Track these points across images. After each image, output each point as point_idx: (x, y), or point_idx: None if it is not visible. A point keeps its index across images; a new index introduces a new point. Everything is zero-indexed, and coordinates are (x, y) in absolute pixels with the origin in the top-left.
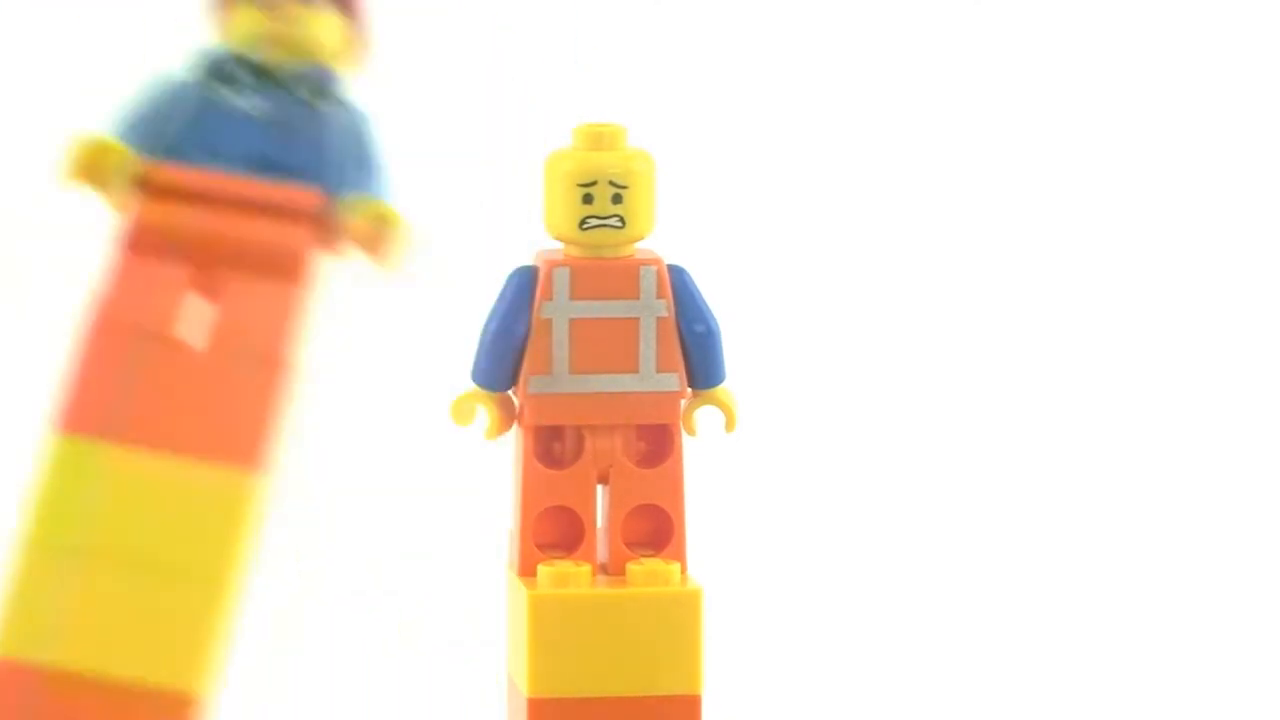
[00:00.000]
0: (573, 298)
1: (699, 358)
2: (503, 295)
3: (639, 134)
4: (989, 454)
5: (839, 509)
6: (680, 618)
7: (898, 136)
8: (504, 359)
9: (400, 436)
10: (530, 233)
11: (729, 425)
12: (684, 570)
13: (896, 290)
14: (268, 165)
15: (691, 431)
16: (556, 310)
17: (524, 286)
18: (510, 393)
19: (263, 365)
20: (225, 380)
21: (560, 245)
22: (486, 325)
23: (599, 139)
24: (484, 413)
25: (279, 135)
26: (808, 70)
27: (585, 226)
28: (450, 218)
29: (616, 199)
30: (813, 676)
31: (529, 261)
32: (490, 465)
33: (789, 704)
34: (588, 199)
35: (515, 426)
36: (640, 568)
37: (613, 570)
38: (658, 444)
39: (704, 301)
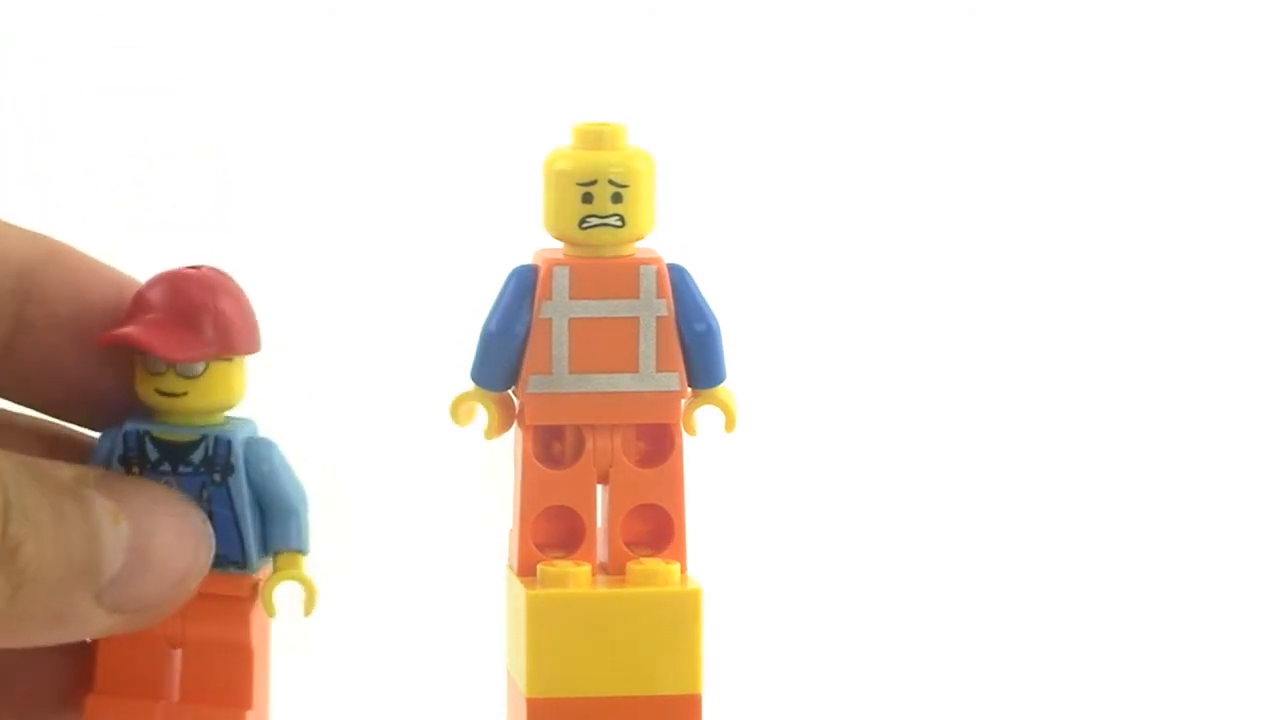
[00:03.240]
0: (572, 297)
1: (699, 357)
2: (502, 294)
3: (639, 133)
4: (989, 453)
5: (839, 509)
6: (680, 617)
7: (898, 136)
8: (504, 358)
9: (400, 436)
10: (530, 232)
11: (729, 425)
12: (684, 570)
13: (897, 290)
14: None
15: (691, 431)
16: (556, 309)
17: (524, 286)
18: (510, 392)
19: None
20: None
21: (560, 244)
22: (486, 325)
23: (599, 138)
24: (484, 412)
25: None
26: (808, 70)
27: (585, 225)
28: (450, 216)
29: (616, 198)
30: (812, 676)
31: (528, 260)
32: (490, 465)
33: (788, 703)
34: (588, 198)
35: (515, 426)
36: (640, 567)
37: (612, 570)
38: (658, 444)
39: (704, 301)
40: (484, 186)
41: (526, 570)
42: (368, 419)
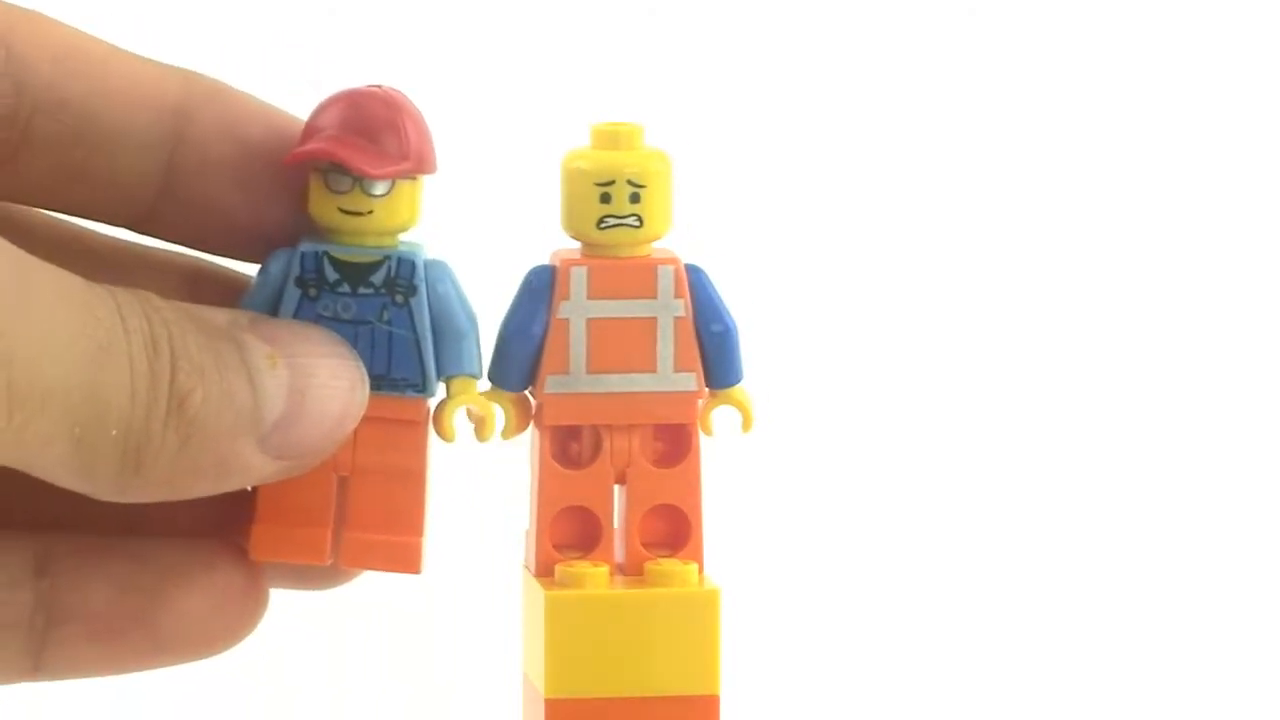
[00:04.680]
0: (590, 297)
1: (716, 357)
2: (520, 295)
3: (656, 133)
4: (1007, 454)
5: (856, 509)
6: (698, 618)
7: (915, 138)
8: (521, 358)
9: None
10: (547, 232)
11: (746, 425)
12: (701, 570)
13: (914, 291)
14: (372, 382)
15: (708, 431)
16: (574, 310)
17: (541, 286)
18: (527, 392)
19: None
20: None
21: (577, 244)
22: (504, 325)
23: (616, 138)
24: (501, 412)
25: (374, 342)
26: (825, 71)
27: (603, 226)
28: (468, 217)
29: (634, 198)
30: (830, 676)
31: (546, 261)
32: (507, 465)
33: (807, 704)
34: (605, 198)
35: (532, 426)
36: (657, 568)
37: (630, 570)
38: (675, 444)
39: (721, 301)
40: (501, 187)
41: (544, 571)
42: None
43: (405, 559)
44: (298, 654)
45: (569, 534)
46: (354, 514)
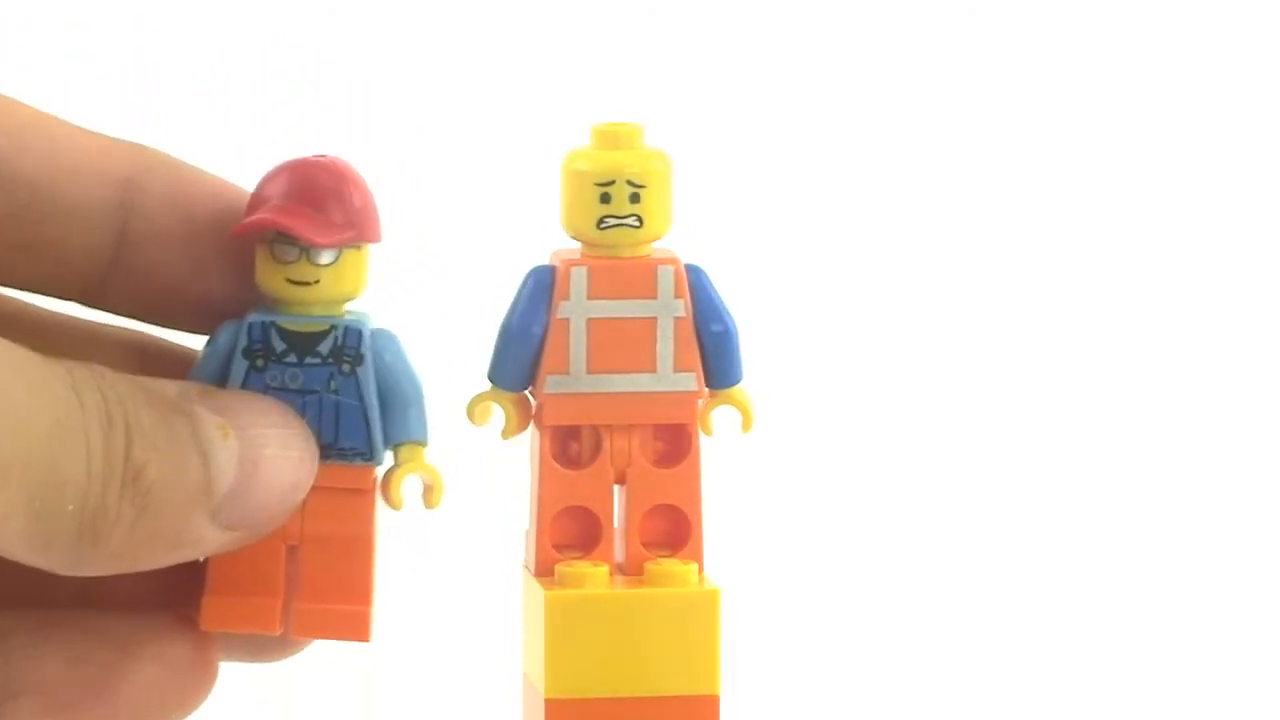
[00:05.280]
0: (590, 297)
1: (716, 357)
2: (520, 295)
3: (656, 133)
4: (1008, 454)
5: (855, 509)
6: (698, 618)
7: (915, 138)
8: (521, 358)
9: None
10: (547, 232)
11: (746, 425)
12: (701, 570)
13: (914, 291)
14: (320, 452)
15: (708, 431)
16: (574, 310)
17: (541, 286)
18: (527, 392)
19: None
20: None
21: (577, 244)
22: (504, 325)
23: (616, 138)
24: (501, 412)
25: (321, 411)
26: (825, 71)
27: (603, 226)
28: (467, 217)
29: (634, 198)
30: (830, 676)
31: (546, 261)
32: (507, 465)
33: (807, 704)
34: (605, 198)
35: (532, 426)
36: (658, 568)
37: (630, 570)
38: (675, 444)
39: (721, 301)
40: (502, 187)
41: (544, 571)
42: None
43: (355, 628)
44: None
45: (569, 534)
46: (304, 583)
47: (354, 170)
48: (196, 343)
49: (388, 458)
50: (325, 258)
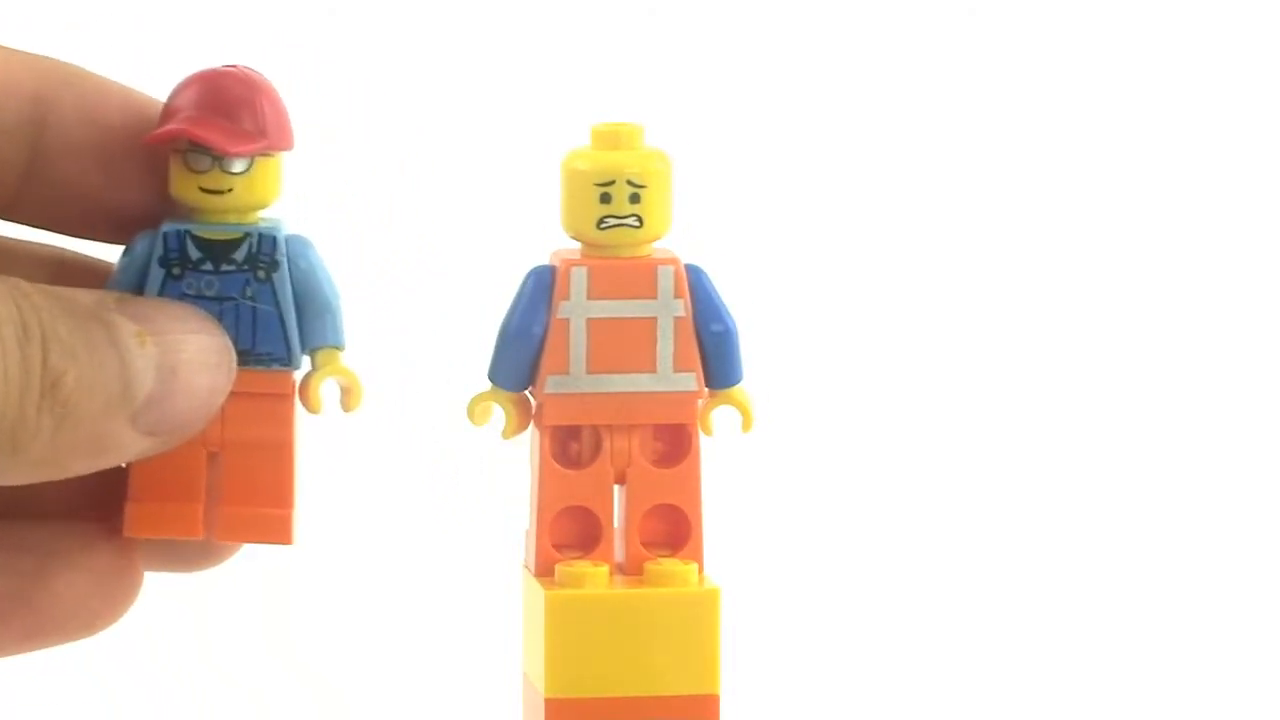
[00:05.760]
0: (590, 297)
1: (716, 357)
2: (520, 295)
3: (656, 133)
4: (1008, 454)
5: (855, 509)
6: (698, 618)
7: (915, 138)
8: (521, 359)
9: (417, 436)
10: (547, 232)
11: (746, 425)
12: (701, 570)
13: (914, 291)
14: (237, 358)
15: (708, 431)
16: (574, 310)
17: (541, 286)
18: (527, 392)
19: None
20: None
21: (577, 245)
22: (504, 325)
23: (616, 138)
24: (501, 412)
25: (238, 318)
26: (825, 71)
27: (603, 226)
28: (467, 217)
29: (634, 198)
30: (829, 676)
31: (546, 261)
32: (507, 465)
33: (806, 703)
34: (605, 198)
35: (532, 426)
36: (657, 568)
37: (630, 570)
38: (675, 444)
39: (721, 301)
40: (502, 187)
41: (544, 571)
42: (385, 419)
43: (277, 531)
44: (298, 653)
45: (569, 534)
46: (225, 489)
47: (265, 80)
48: (113, 255)
49: (306, 363)
50: (238, 166)
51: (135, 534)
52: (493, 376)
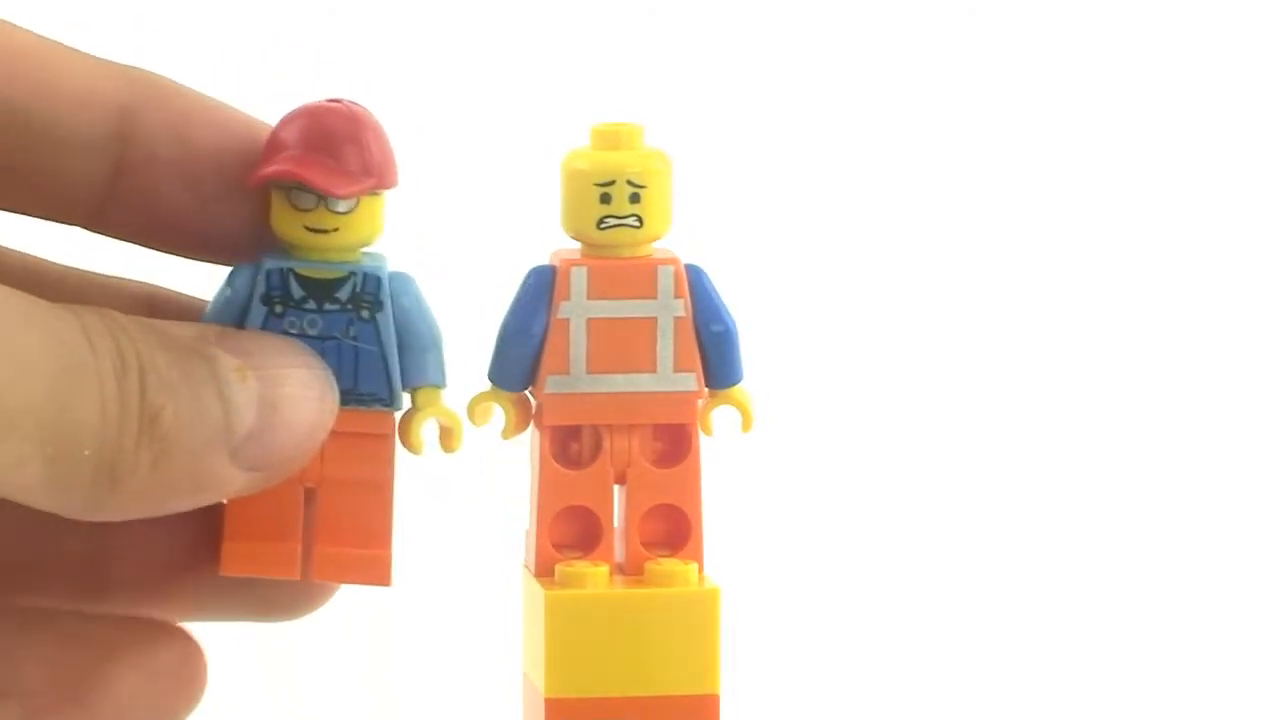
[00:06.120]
0: (590, 297)
1: (716, 357)
2: (520, 295)
3: (656, 133)
4: (1007, 454)
5: (855, 509)
6: (698, 617)
7: (915, 138)
8: (521, 359)
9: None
10: (547, 232)
11: (745, 425)
12: (701, 570)
13: (914, 291)
14: (339, 397)
15: (708, 431)
16: (574, 310)
17: (541, 286)
18: (527, 392)
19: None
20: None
21: (577, 244)
22: (503, 325)
23: (616, 138)
24: (501, 412)
25: (340, 357)
26: (825, 71)
27: (603, 226)
28: (467, 217)
29: (634, 198)
30: (830, 675)
31: (546, 261)
32: (507, 465)
33: (807, 703)
34: (605, 198)
35: (532, 426)
36: (658, 568)
37: (630, 570)
38: (675, 444)
39: (721, 301)
40: (502, 187)
41: (544, 571)
42: None
43: (376, 572)
44: (298, 653)
45: (569, 534)
46: (322, 528)
47: (371, 116)
48: (203, 285)
49: (405, 401)
50: (343, 206)
51: (232, 572)
52: (493, 376)
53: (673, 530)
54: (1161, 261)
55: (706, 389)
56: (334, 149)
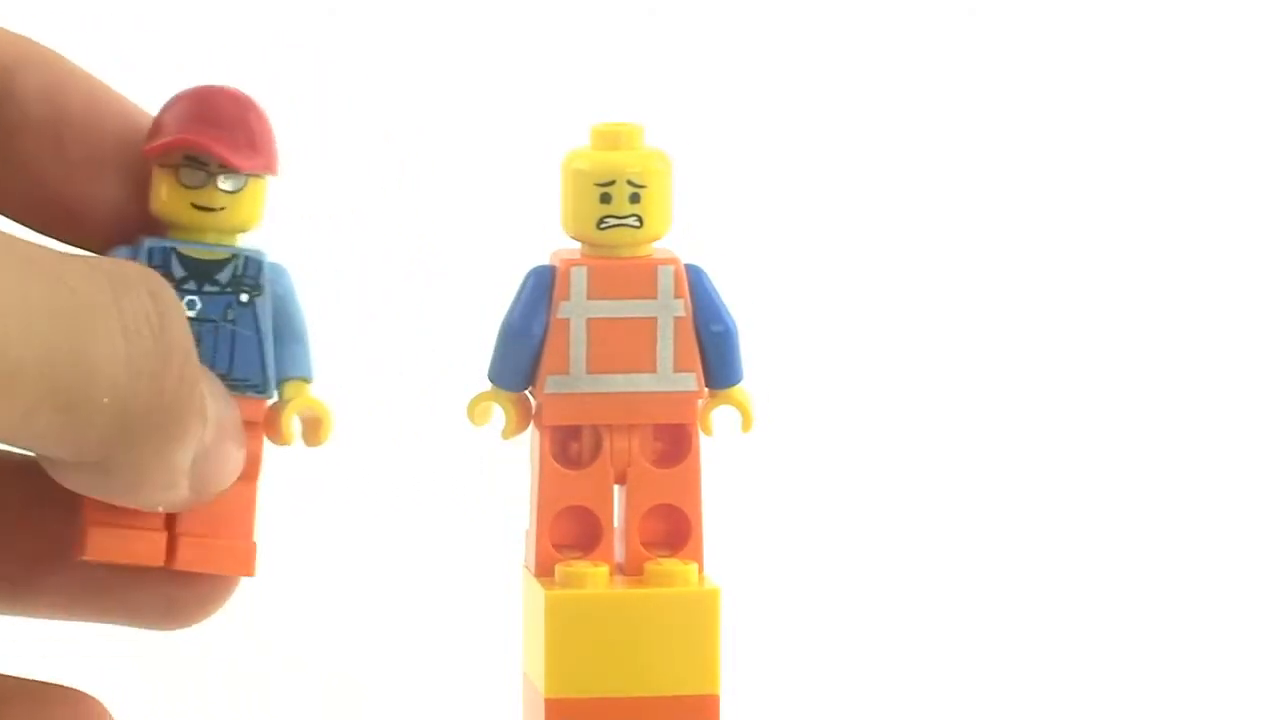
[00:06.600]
0: (590, 297)
1: (716, 357)
2: (520, 295)
3: (656, 133)
4: (1007, 454)
5: (855, 509)
6: (698, 618)
7: (915, 138)
8: (521, 359)
9: (417, 436)
10: (547, 232)
11: (745, 425)
12: (701, 570)
13: (914, 291)
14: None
15: (708, 431)
16: (574, 310)
17: (541, 286)
18: (527, 392)
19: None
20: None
21: (577, 244)
22: (503, 325)
23: (616, 138)
24: (501, 412)
25: (217, 340)
26: (825, 71)
27: (603, 226)
28: (468, 217)
29: (634, 198)
30: (830, 675)
31: (546, 261)
32: (507, 465)
33: (806, 703)
34: (605, 198)
35: (532, 426)
36: (658, 568)
37: (630, 570)
38: (675, 444)
39: (721, 301)
40: (502, 187)
41: (544, 571)
42: (385, 419)
43: (240, 562)
44: (298, 653)
45: (569, 534)
46: (187, 516)
47: (256, 102)
48: None
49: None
50: (232, 184)
51: (94, 558)
52: (493, 376)
53: (673, 530)
54: (1162, 262)
55: (706, 389)
56: (226, 127)
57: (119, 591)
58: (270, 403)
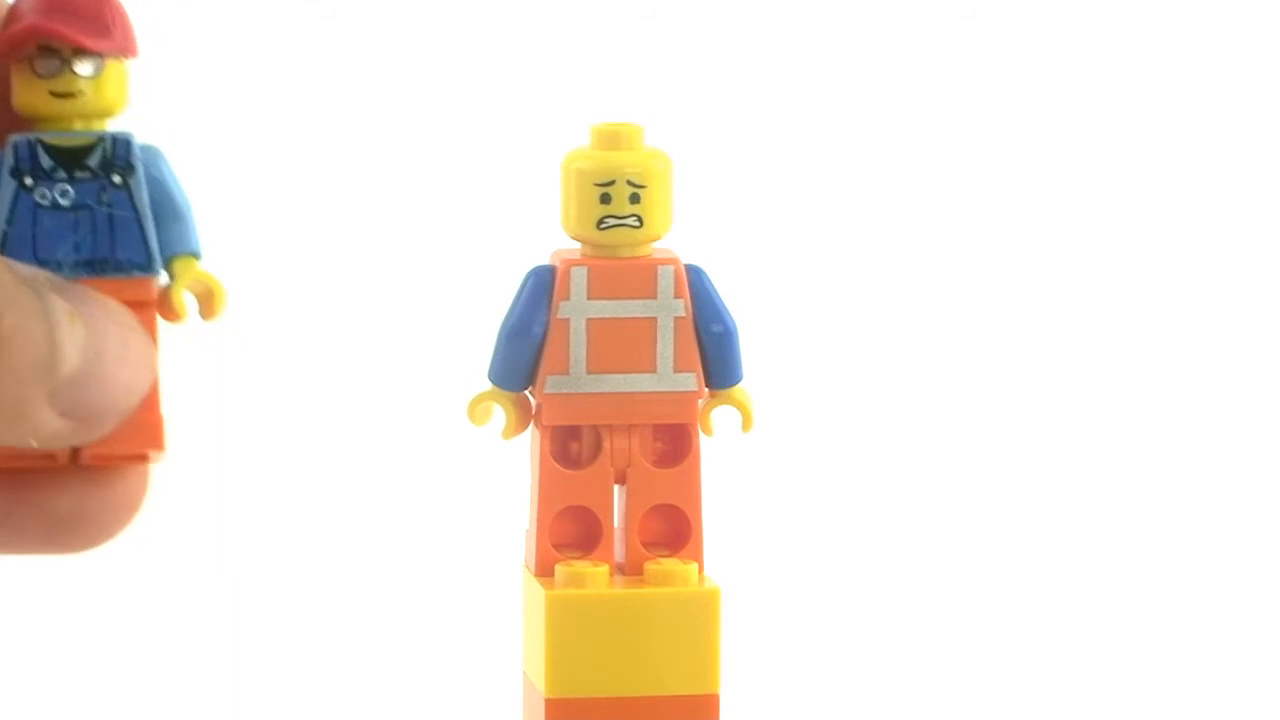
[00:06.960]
0: (590, 297)
1: (716, 357)
2: (520, 295)
3: (656, 133)
4: (1008, 454)
5: (855, 509)
6: (698, 618)
7: (915, 139)
8: (521, 359)
9: (417, 436)
10: (547, 232)
11: (746, 425)
12: (701, 570)
13: (914, 291)
14: (96, 266)
15: (708, 431)
16: (574, 310)
17: (541, 286)
18: (527, 392)
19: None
20: None
21: (577, 245)
22: (503, 325)
23: (616, 138)
24: (501, 412)
25: (95, 225)
26: (825, 72)
27: (603, 226)
28: (468, 217)
29: (634, 198)
30: (830, 675)
31: (546, 261)
32: (507, 465)
33: (806, 703)
34: (605, 198)
35: (532, 426)
36: (658, 568)
37: (630, 570)
38: (675, 444)
39: (721, 301)
40: (502, 187)
41: (544, 571)
42: (385, 419)
43: (148, 437)
44: (298, 653)
45: (569, 534)
46: None
47: None
48: None
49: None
50: (88, 69)
51: None
52: (493, 376)
53: (673, 530)
54: (1162, 262)
55: (707, 389)
56: (76, 12)
57: (16, 496)
58: (162, 284)
